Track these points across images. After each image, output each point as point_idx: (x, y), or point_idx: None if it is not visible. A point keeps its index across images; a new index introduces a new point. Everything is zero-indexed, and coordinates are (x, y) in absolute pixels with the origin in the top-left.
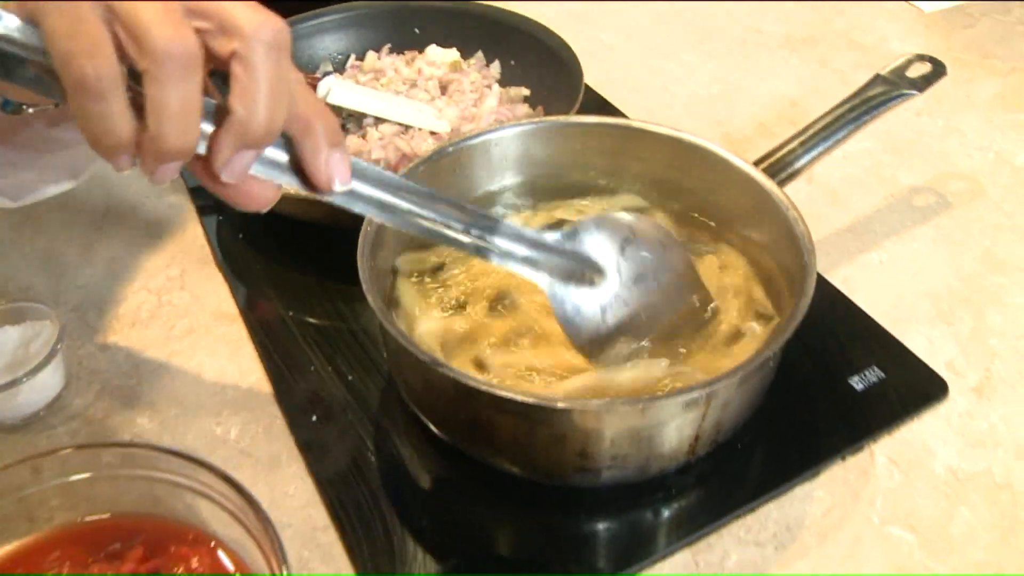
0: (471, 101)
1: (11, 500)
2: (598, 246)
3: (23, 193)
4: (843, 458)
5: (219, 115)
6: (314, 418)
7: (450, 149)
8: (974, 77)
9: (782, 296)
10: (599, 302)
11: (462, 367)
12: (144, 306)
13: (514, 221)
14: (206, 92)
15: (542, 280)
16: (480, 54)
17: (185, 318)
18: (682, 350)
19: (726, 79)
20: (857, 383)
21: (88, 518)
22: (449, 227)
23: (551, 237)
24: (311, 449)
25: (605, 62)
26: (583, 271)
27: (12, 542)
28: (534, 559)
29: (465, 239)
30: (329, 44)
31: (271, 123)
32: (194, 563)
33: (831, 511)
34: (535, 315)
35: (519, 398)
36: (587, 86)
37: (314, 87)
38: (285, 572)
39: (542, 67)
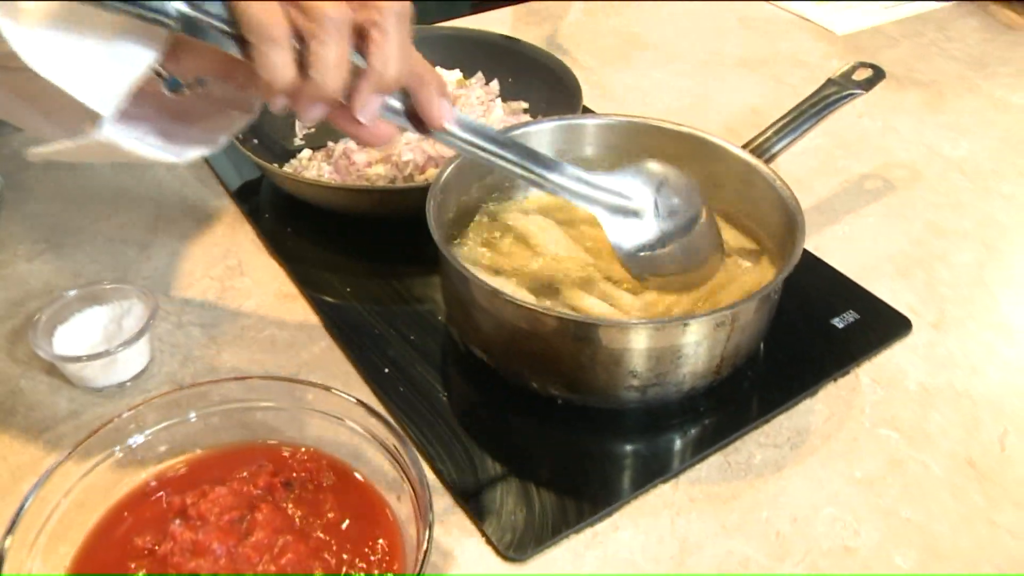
0: (480, 113)
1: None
2: (638, 187)
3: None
4: (835, 380)
5: (357, 71)
6: (386, 371)
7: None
8: (902, 87)
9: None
10: (642, 230)
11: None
12: (209, 291)
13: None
14: None
15: (596, 211)
16: (480, 74)
17: (250, 299)
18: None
19: (695, 93)
20: (838, 323)
21: (222, 444)
22: (519, 165)
23: (599, 177)
24: (390, 395)
25: (586, 81)
26: (627, 205)
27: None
28: (592, 470)
29: (530, 175)
30: None
31: (399, 75)
32: (318, 474)
33: (830, 419)
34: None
35: (585, 319)
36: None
37: None
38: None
39: (538, 83)
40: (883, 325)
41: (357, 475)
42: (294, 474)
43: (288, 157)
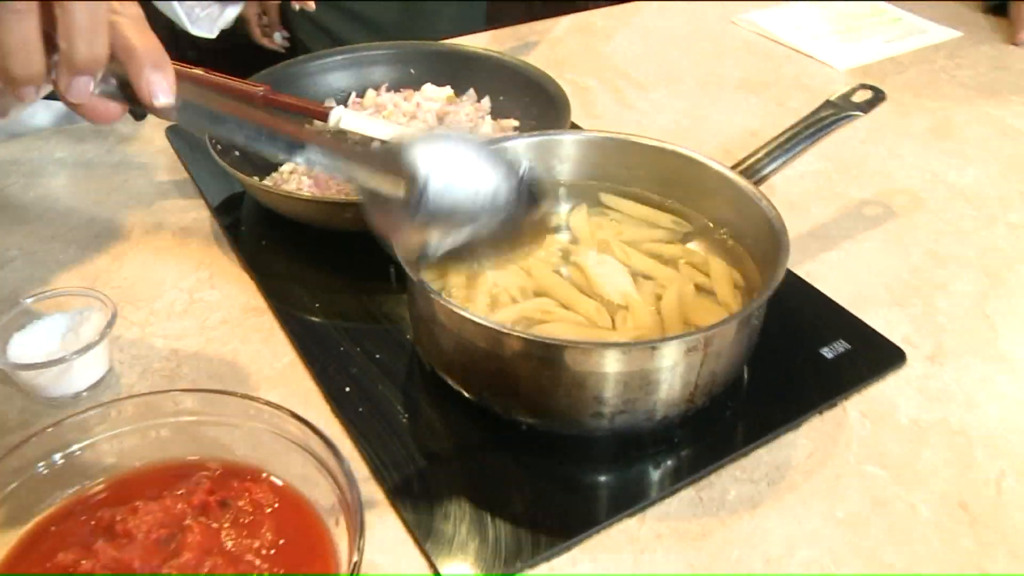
0: (468, 129)
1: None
2: (413, 159)
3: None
4: (820, 412)
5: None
6: (347, 389)
7: None
8: (909, 113)
9: (750, 273)
10: (412, 206)
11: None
12: (177, 302)
13: None
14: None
15: (353, 185)
16: (472, 91)
17: (218, 312)
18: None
19: (692, 114)
20: (827, 352)
21: (164, 460)
22: (259, 142)
23: (361, 148)
24: (348, 415)
25: (584, 101)
26: (394, 179)
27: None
28: (553, 500)
29: (274, 152)
30: (332, 82)
31: (91, 53)
32: (257, 495)
33: (814, 454)
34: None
35: (547, 340)
36: (574, 124)
37: (325, 116)
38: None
39: (529, 101)
40: (875, 356)
41: (300, 497)
42: (233, 494)
43: (271, 170)
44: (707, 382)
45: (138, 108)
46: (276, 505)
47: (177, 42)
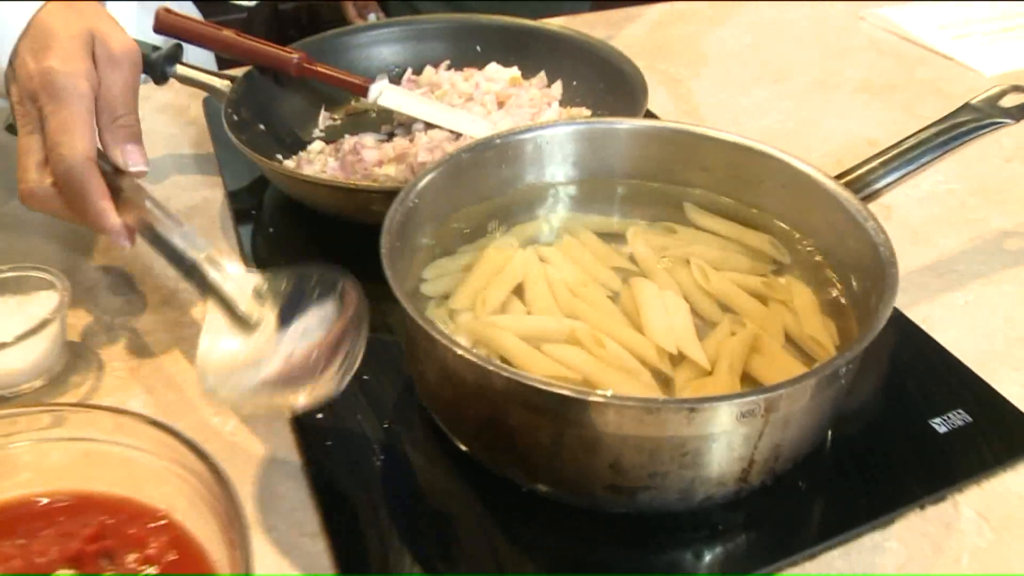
0: (528, 116)
1: None
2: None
3: None
4: (922, 507)
5: None
6: (319, 415)
7: (497, 141)
8: None
9: (848, 320)
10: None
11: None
12: (160, 291)
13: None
14: None
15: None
16: (542, 74)
17: (199, 306)
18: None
19: (801, 117)
20: (940, 426)
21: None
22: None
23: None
24: (311, 449)
25: (674, 95)
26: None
27: None
28: None
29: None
30: (387, 56)
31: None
32: (151, 549)
33: (906, 565)
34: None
35: (546, 387)
36: (654, 116)
37: (364, 91)
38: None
39: (607, 89)
40: (1005, 435)
41: (203, 550)
42: (121, 543)
43: (298, 148)
44: (767, 457)
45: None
46: (174, 555)
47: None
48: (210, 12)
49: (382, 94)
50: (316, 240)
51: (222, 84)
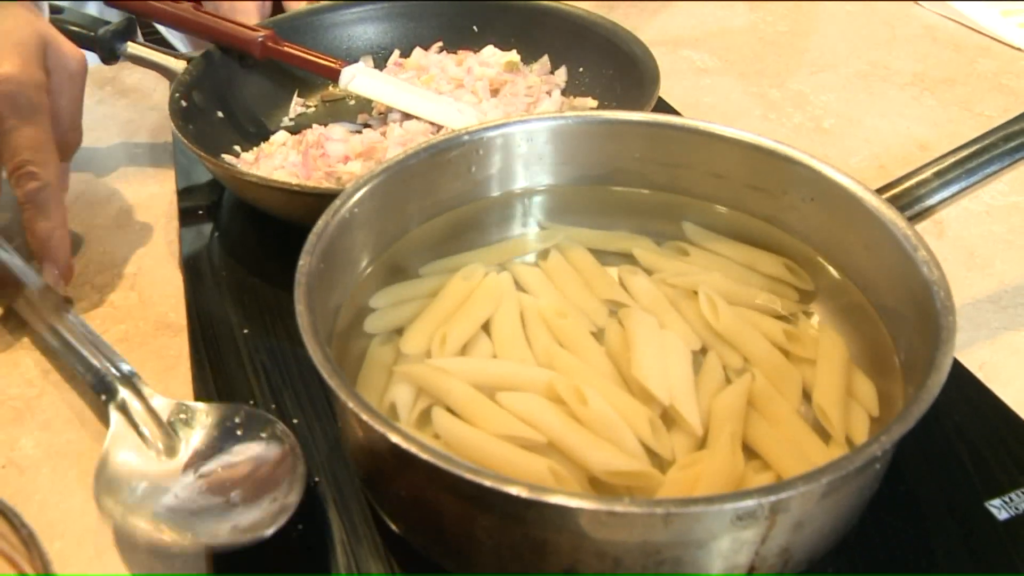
0: (524, 106)
1: None
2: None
3: None
4: None
5: None
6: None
7: (465, 138)
8: None
9: (892, 377)
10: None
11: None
12: (82, 303)
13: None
14: None
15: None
16: (546, 59)
17: (123, 324)
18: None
19: (842, 113)
20: (999, 510)
21: None
22: None
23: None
24: None
25: (695, 84)
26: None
27: None
28: None
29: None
30: (372, 36)
31: None
32: None
33: None
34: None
35: (472, 478)
36: (670, 107)
37: (336, 75)
38: None
39: (616, 77)
40: None
41: None
42: None
43: (261, 139)
44: (773, 563)
45: None
46: None
47: None
48: None
49: (354, 79)
50: (268, 247)
51: (177, 65)
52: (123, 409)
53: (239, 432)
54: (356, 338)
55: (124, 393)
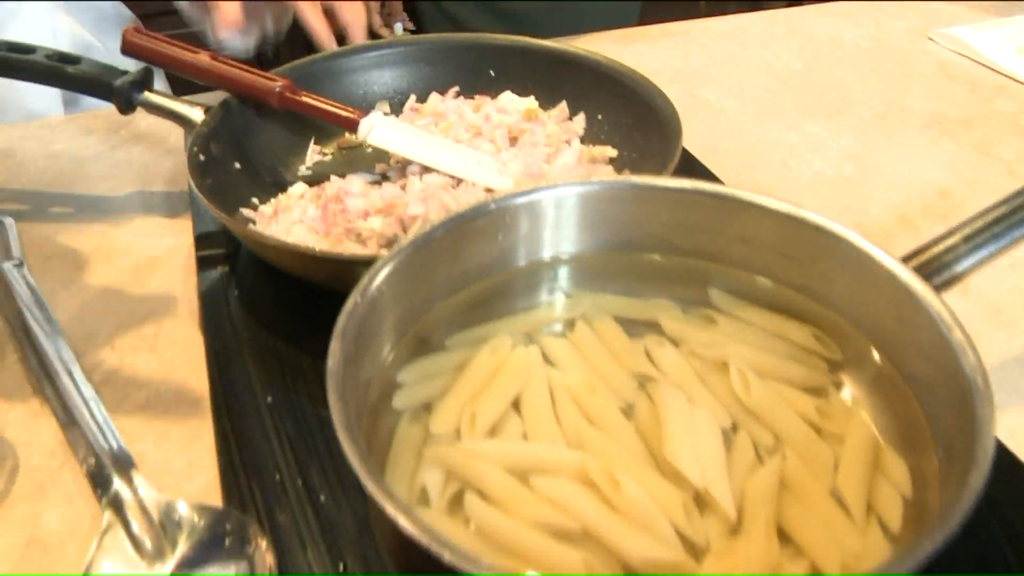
0: (543, 156)
1: None
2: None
3: None
4: None
5: None
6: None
7: (492, 207)
8: None
9: (925, 451)
10: None
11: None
12: (102, 367)
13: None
14: None
15: None
16: (564, 105)
17: (143, 389)
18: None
19: (861, 158)
20: None
21: None
22: None
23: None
24: None
25: (713, 127)
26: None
27: None
28: None
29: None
30: (389, 80)
31: None
32: None
33: None
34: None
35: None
36: (689, 155)
37: (354, 126)
38: None
39: (636, 126)
40: None
41: None
42: None
43: (280, 189)
44: None
45: None
46: None
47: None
48: None
49: (373, 130)
50: (289, 304)
51: (194, 113)
52: (116, 505)
53: (226, 542)
54: (385, 414)
55: (118, 485)
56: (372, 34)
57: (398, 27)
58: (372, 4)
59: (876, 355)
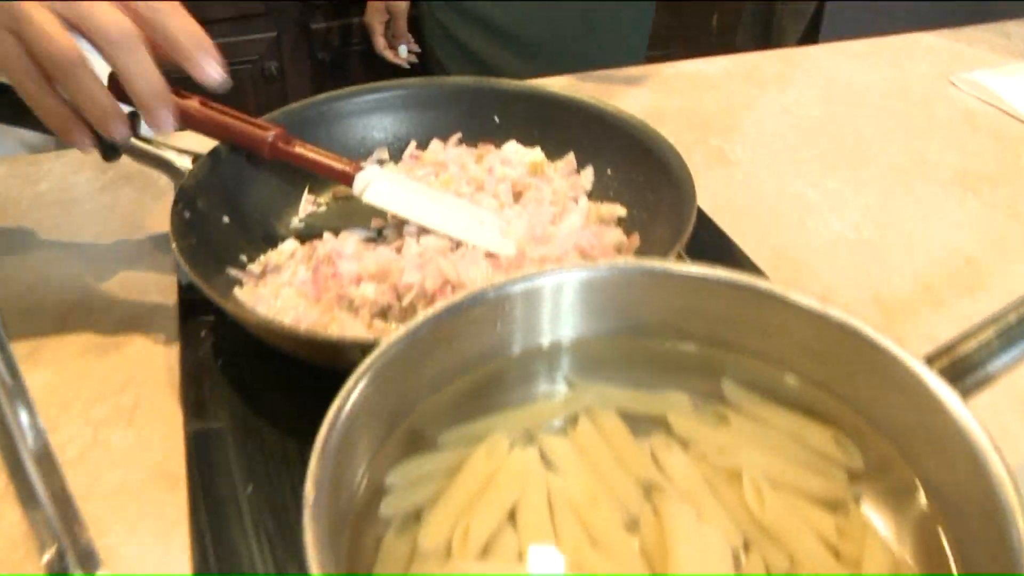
0: (549, 216)
1: None
2: None
3: None
4: None
5: None
6: None
7: (491, 295)
8: None
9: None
10: None
11: None
12: (74, 443)
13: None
14: None
15: None
16: (571, 156)
17: (118, 470)
18: None
19: (881, 218)
20: None
21: None
22: None
23: None
24: None
25: (728, 180)
26: None
27: None
28: None
29: None
30: (389, 125)
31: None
32: None
33: None
34: None
35: None
36: (703, 216)
37: (349, 179)
38: None
39: (647, 184)
40: None
41: None
42: None
43: (268, 245)
44: None
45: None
46: None
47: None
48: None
49: (368, 187)
50: (274, 379)
51: (181, 161)
52: None
53: None
54: (372, 522)
55: None
56: (377, 59)
57: (403, 49)
58: (376, 26)
59: (900, 464)
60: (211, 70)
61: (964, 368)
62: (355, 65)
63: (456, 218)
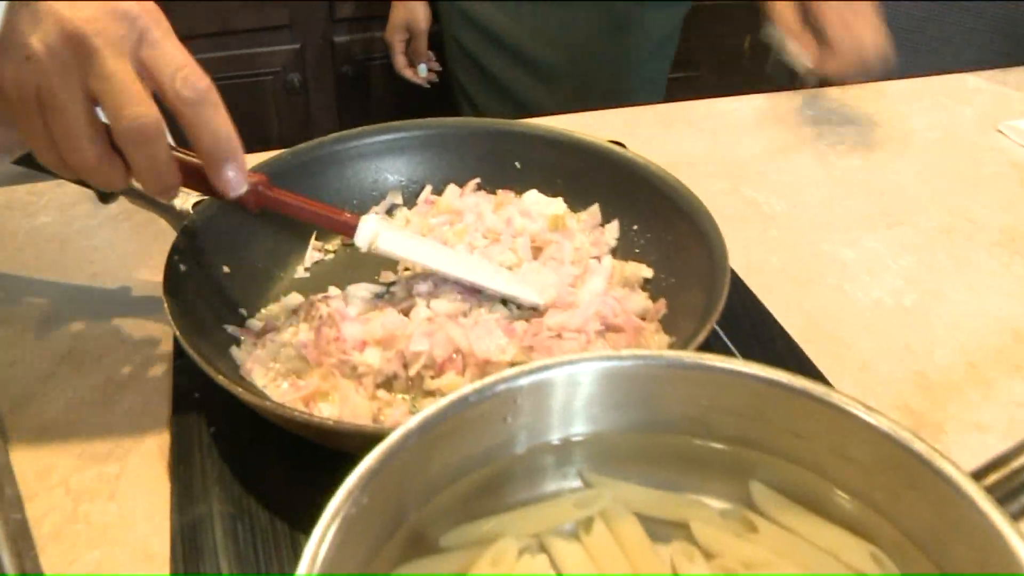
0: (570, 277)
1: None
2: None
3: None
4: None
5: None
6: None
7: (500, 388)
8: None
9: None
10: None
11: None
12: (53, 515)
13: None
14: None
15: None
16: (596, 208)
17: (96, 550)
18: None
19: (922, 284)
20: None
21: None
22: None
23: None
24: None
25: (761, 236)
26: None
27: None
28: None
29: None
30: (403, 167)
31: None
32: None
33: None
34: None
35: None
36: (736, 279)
37: (351, 229)
38: None
39: (676, 244)
40: None
41: None
42: None
43: (271, 299)
44: None
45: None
46: None
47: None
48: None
49: (378, 237)
50: (270, 453)
51: (182, 205)
52: None
53: None
54: None
55: None
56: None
57: (422, 69)
58: (396, 44)
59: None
60: (233, 179)
61: (1013, 486)
62: (378, 79)
63: (474, 264)
